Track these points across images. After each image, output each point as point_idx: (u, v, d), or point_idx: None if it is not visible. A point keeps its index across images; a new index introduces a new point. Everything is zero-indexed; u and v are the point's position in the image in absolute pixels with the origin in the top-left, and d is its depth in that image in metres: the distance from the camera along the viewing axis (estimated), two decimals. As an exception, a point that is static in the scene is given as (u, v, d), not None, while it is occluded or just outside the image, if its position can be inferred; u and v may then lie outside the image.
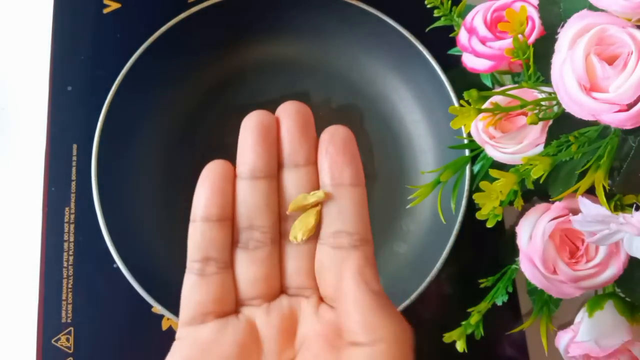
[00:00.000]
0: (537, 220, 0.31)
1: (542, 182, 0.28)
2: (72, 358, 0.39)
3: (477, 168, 0.37)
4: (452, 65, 0.39)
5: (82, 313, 0.40)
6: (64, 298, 0.40)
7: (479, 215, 0.28)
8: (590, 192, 0.27)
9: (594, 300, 0.34)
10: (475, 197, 0.28)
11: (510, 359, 0.42)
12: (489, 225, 0.29)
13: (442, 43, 0.39)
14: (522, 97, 0.29)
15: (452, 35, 0.37)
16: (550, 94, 0.29)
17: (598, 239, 0.27)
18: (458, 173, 0.33)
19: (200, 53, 0.43)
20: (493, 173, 0.28)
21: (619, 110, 0.24)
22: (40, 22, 0.46)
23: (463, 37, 0.34)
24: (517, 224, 0.32)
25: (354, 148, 0.23)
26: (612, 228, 0.26)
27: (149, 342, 0.40)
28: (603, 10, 0.26)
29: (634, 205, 0.26)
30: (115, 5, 0.47)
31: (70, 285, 0.41)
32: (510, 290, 0.35)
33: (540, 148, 0.30)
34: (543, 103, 0.29)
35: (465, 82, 0.36)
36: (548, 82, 0.27)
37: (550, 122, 0.29)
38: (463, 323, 0.34)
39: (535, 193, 0.33)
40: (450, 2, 0.36)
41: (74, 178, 0.43)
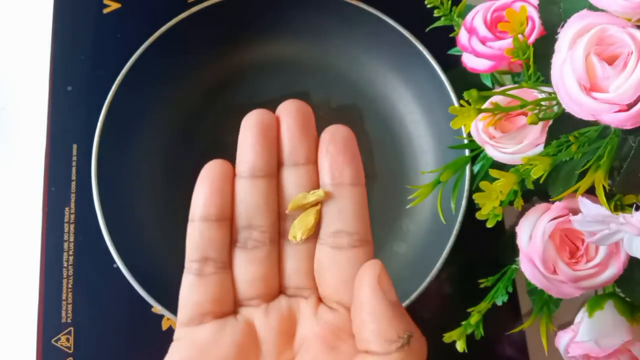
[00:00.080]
0: (537, 220, 0.31)
1: (542, 182, 0.28)
2: (72, 358, 0.39)
3: (477, 168, 0.37)
4: (452, 65, 0.39)
5: (82, 313, 0.40)
6: (64, 298, 0.40)
7: (479, 215, 0.28)
8: (590, 192, 0.27)
9: (594, 300, 0.34)
10: (475, 197, 0.28)
11: (510, 359, 0.42)
12: (489, 225, 0.29)
13: (442, 43, 0.39)
14: (522, 97, 0.29)
15: (452, 35, 0.37)
16: (550, 94, 0.29)
17: (598, 239, 0.27)
18: (458, 173, 0.33)
19: (200, 53, 0.43)
20: (493, 173, 0.28)
21: (619, 110, 0.24)
22: (40, 22, 0.46)
23: (463, 37, 0.34)
24: (517, 224, 0.32)
25: (355, 148, 0.23)
26: (612, 228, 0.26)
27: (149, 342, 0.40)
28: (603, 10, 0.26)
29: (634, 205, 0.26)
30: (115, 5, 0.47)
31: (70, 285, 0.41)
32: (510, 290, 0.35)
33: (540, 148, 0.30)
34: (543, 103, 0.29)
35: (465, 82, 0.36)
36: (548, 82, 0.27)
37: (550, 122, 0.29)
38: (463, 323, 0.34)
39: (535, 193, 0.32)
40: (450, 2, 0.36)
41: (74, 178, 0.43)
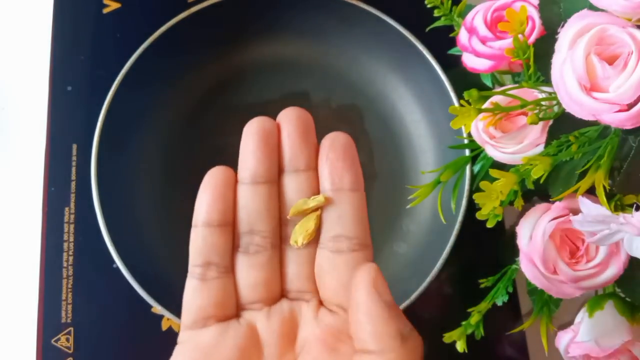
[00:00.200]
0: (537, 220, 0.31)
1: (542, 182, 0.28)
2: (72, 358, 0.39)
3: (477, 168, 0.37)
4: (452, 65, 0.39)
5: (82, 313, 0.40)
6: (64, 298, 0.40)
7: (479, 215, 0.28)
8: (591, 192, 0.27)
9: (594, 300, 0.34)
10: (476, 197, 0.28)
11: (510, 359, 0.42)
12: (489, 225, 0.29)
13: (442, 43, 0.39)
14: (522, 97, 0.29)
15: (452, 35, 0.37)
16: (551, 94, 0.29)
17: (598, 239, 0.27)
18: (458, 173, 0.33)
19: (200, 53, 0.43)
20: (493, 173, 0.28)
21: (619, 110, 0.24)
22: (40, 22, 0.46)
23: (463, 37, 0.34)
24: (517, 224, 0.32)
25: (354, 154, 0.23)
26: (612, 228, 0.26)
27: (149, 342, 0.40)
28: (603, 10, 0.26)
29: (634, 205, 0.26)
30: (115, 5, 0.47)
31: (70, 285, 0.41)
32: (510, 291, 0.35)
33: (541, 148, 0.30)
34: (543, 103, 0.29)
35: (465, 82, 0.36)
36: (548, 82, 0.27)
37: (551, 122, 0.29)
38: (463, 323, 0.34)
39: (536, 193, 0.32)
40: (450, 2, 0.36)
41: (74, 178, 0.43)
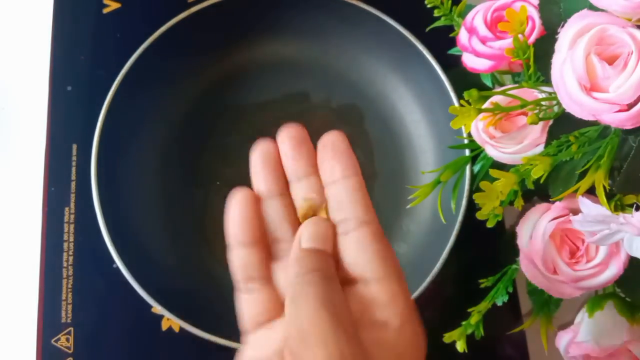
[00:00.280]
0: (537, 220, 0.31)
1: (542, 182, 0.28)
2: (72, 358, 0.39)
3: (477, 168, 0.37)
4: (452, 65, 0.39)
5: (82, 313, 0.40)
6: (64, 298, 0.40)
7: (479, 215, 0.28)
8: (591, 192, 0.27)
9: (594, 301, 0.34)
10: (476, 197, 0.28)
11: (510, 359, 0.42)
12: (489, 225, 0.29)
13: (442, 43, 0.39)
14: (522, 97, 0.29)
15: (452, 35, 0.37)
16: (551, 94, 0.29)
17: (598, 239, 0.27)
18: (458, 173, 0.33)
19: (200, 53, 0.43)
20: (493, 173, 0.28)
21: (619, 110, 0.24)
22: (40, 22, 0.46)
23: (463, 37, 0.34)
24: (517, 224, 0.32)
25: (343, 144, 0.25)
26: (612, 228, 0.26)
27: (149, 342, 0.40)
28: (603, 10, 0.26)
29: (634, 205, 0.26)
30: (115, 5, 0.47)
31: (70, 285, 0.41)
32: (510, 290, 0.35)
33: (541, 148, 0.30)
34: (543, 103, 0.29)
35: (465, 82, 0.36)
36: (548, 82, 0.27)
37: (551, 122, 0.29)
38: (463, 323, 0.34)
39: (536, 193, 0.32)
40: (450, 2, 0.36)
41: (74, 178, 0.43)
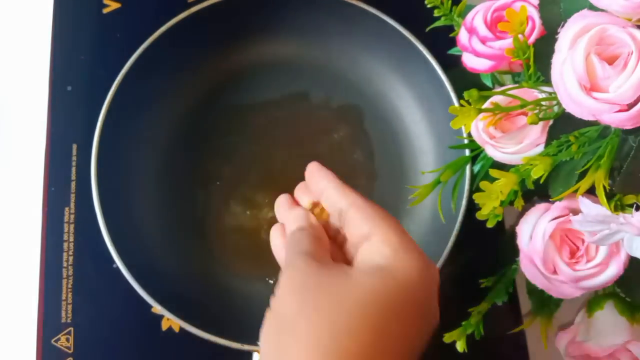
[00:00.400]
0: (537, 220, 0.31)
1: (542, 182, 0.28)
2: (72, 358, 0.39)
3: (477, 168, 0.37)
4: (452, 65, 0.39)
5: (82, 313, 0.40)
6: (64, 298, 0.40)
7: (479, 215, 0.28)
8: (591, 192, 0.27)
9: (594, 300, 0.34)
10: (476, 197, 0.28)
11: (510, 359, 0.42)
12: (489, 225, 0.29)
13: (442, 43, 0.39)
14: (522, 97, 0.29)
15: (452, 35, 0.37)
16: (551, 94, 0.29)
17: (598, 239, 0.27)
18: (458, 173, 0.33)
19: (200, 53, 0.43)
20: (493, 173, 0.28)
21: (619, 110, 0.24)
22: (40, 22, 0.46)
23: (463, 37, 0.34)
24: (517, 224, 0.32)
25: (314, 168, 0.29)
26: (612, 228, 0.26)
27: (149, 342, 0.40)
28: (603, 10, 0.26)
29: (634, 205, 0.26)
30: (115, 5, 0.47)
31: (70, 285, 0.41)
32: (510, 290, 0.35)
33: (541, 148, 0.30)
34: (543, 103, 0.29)
35: (465, 82, 0.36)
36: (548, 82, 0.27)
37: (551, 122, 0.29)
38: (463, 323, 0.34)
39: (536, 193, 0.32)
40: (450, 2, 0.36)
41: (74, 178, 0.43)
